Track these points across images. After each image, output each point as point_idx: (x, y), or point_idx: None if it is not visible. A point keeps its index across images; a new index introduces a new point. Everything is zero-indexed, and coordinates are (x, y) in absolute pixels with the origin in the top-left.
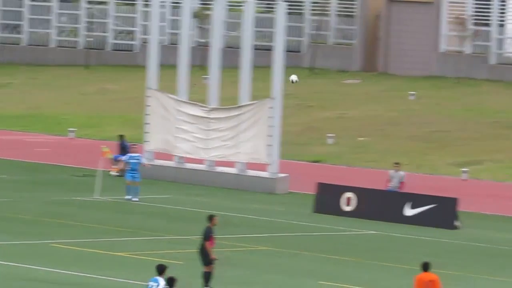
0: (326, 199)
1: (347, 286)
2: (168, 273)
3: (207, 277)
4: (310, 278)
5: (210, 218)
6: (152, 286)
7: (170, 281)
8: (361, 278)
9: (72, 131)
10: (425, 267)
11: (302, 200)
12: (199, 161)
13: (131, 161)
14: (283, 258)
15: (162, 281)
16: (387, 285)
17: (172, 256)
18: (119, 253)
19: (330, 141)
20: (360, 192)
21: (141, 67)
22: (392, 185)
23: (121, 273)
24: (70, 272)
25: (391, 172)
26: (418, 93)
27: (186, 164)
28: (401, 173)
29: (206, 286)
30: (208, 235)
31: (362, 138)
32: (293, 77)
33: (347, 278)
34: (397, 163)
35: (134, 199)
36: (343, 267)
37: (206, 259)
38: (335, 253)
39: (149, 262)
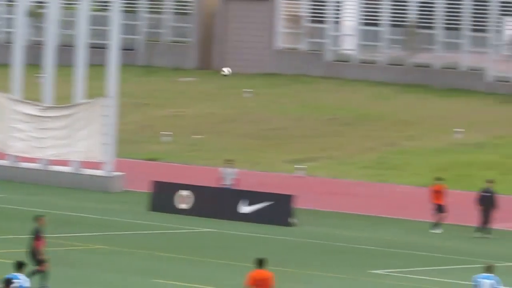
0: (162, 197)
1: (181, 283)
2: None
3: (42, 276)
4: (145, 276)
5: (37, 218)
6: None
7: (19, 265)
8: (196, 275)
9: None
10: (259, 264)
11: (137, 199)
12: (34, 160)
13: None
14: (118, 256)
15: (22, 276)
16: (222, 282)
17: (7, 256)
18: None
19: (165, 139)
20: (195, 190)
21: None
22: (225, 182)
23: None
24: None
25: (223, 169)
26: (254, 91)
27: (21, 163)
28: (233, 170)
29: (43, 286)
30: (36, 235)
31: (197, 136)
32: (225, 70)
33: (182, 275)
34: (228, 160)
35: None
36: (178, 264)
37: (36, 259)
38: (170, 251)
39: None
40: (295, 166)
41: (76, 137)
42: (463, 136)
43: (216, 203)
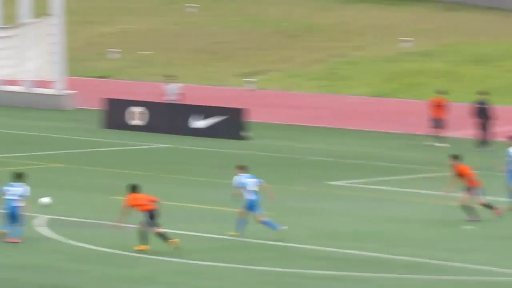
0: (114, 114)
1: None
2: None
3: None
4: (102, 193)
5: None
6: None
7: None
8: (152, 191)
9: None
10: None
11: (90, 116)
12: None
13: None
14: (76, 174)
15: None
16: (178, 197)
17: None
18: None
19: (113, 56)
20: (147, 105)
21: None
22: (170, 98)
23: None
24: None
25: (165, 85)
26: (198, 6)
27: None
28: (176, 85)
29: None
30: None
31: (144, 52)
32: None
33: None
34: (169, 76)
35: None
36: (134, 180)
37: None
38: (125, 167)
39: None
40: (244, 79)
41: (24, 56)
42: (410, 45)
43: (169, 118)
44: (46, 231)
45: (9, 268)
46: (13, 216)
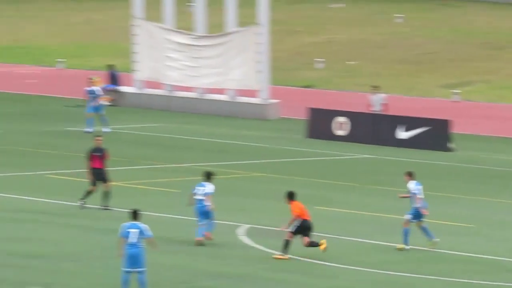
0: (318, 124)
1: (341, 210)
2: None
3: (104, 195)
4: (305, 203)
5: (95, 138)
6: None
7: (134, 214)
8: (355, 202)
9: (61, 62)
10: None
11: (293, 126)
12: (190, 89)
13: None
14: (277, 184)
15: (142, 225)
16: (380, 208)
17: (167, 185)
18: (115, 183)
19: (319, 65)
20: (352, 116)
21: None
22: (375, 108)
23: (118, 202)
24: (66, 203)
25: (371, 96)
26: (404, 16)
27: (177, 92)
28: (381, 95)
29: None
30: (91, 155)
31: (351, 62)
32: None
33: (342, 202)
34: (374, 86)
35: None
36: (337, 191)
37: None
38: (329, 177)
39: (145, 191)
40: (452, 91)
41: (230, 65)
42: None
43: (373, 128)
44: (247, 240)
45: (210, 276)
46: (203, 214)
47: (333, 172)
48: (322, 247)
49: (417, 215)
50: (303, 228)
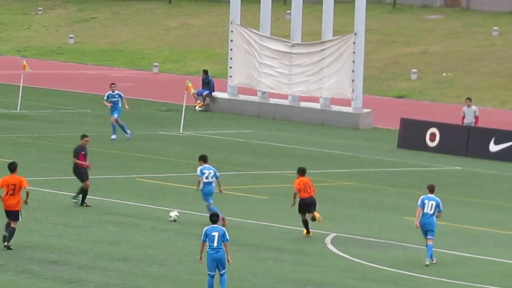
0: (410, 134)
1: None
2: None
3: (85, 193)
4: (395, 213)
5: (82, 137)
6: (215, 235)
7: (214, 217)
8: (444, 213)
9: (156, 66)
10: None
11: (386, 136)
12: (283, 96)
13: (112, 99)
14: (367, 193)
15: (222, 229)
16: (471, 220)
17: (257, 191)
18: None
19: (414, 76)
20: (444, 127)
21: (224, 1)
22: (467, 121)
23: (205, 207)
24: (155, 207)
25: (464, 108)
26: (499, 29)
27: (270, 99)
28: (474, 108)
29: (76, 198)
30: (77, 153)
31: (446, 74)
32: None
33: None
34: (469, 99)
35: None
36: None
37: (81, 176)
38: (419, 188)
39: (233, 196)
40: None
41: (324, 73)
42: None
43: (465, 141)
44: (334, 249)
45: (296, 283)
46: (211, 195)
47: (423, 183)
48: (316, 217)
49: (423, 231)
50: (305, 206)
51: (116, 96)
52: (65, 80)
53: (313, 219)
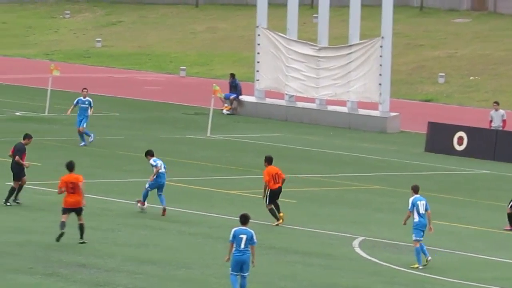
0: (438, 138)
1: (458, 225)
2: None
3: (12, 192)
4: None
5: (28, 136)
6: (242, 237)
7: (243, 218)
8: (472, 217)
9: (183, 70)
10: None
11: (413, 139)
12: (310, 100)
13: (81, 105)
14: (395, 197)
15: (250, 231)
16: (499, 225)
17: (284, 195)
18: (231, 191)
19: (441, 80)
20: (471, 131)
21: (251, 5)
22: (495, 124)
23: (233, 211)
24: (182, 210)
25: (492, 112)
26: None
27: (297, 102)
28: (501, 111)
29: (7, 201)
30: (22, 152)
31: (473, 77)
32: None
33: (459, 217)
34: (496, 102)
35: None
36: (455, 206)
37: (16, 174)
38: (447, 192)
39: (261, 200)
40: None
41: (351, 77)
42: None
43: (493, 144)
44: (362, 252)
45: (323, 287)
46: (163, 186)
47: (450, 186)
48: (279, 222)
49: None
50: (275, 196)
51: (86, 102)
52: (92, 84)
53: (270, 211)
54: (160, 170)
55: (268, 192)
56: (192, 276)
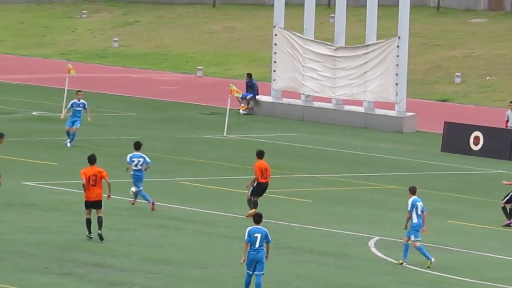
0: (454, 138)
1: (474, 225)
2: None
3: None
4: (438, 216)
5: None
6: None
7: (257, 217)
8: (488, 217)
9: (200, 69)
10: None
11: (429, 139)
12: (326, 100)
13: (76, 108)
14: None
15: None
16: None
17: (300, 195)
18: (247, 191)
19: (457, 80)
20: (488, 131)
21: (268, 5)
22: (511, 124)
23: (246, 211)
24: (198, 210)
25: (508, 111)
26: None
27: (313, 102)
28: None
29: None
30: None
31: (489, 77)
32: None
33: (475, 217)
34: (511, 102)
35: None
36: (471, 206)
37: None
38: (463, 192)
39: (277, 200)
40: None
41: (368, 77)
42: None
43: (509, 144)
44: (377, 252)
45: (338, 287)
46: (141, 180)
47: (466, 186)
48: (249, 213)
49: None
50: (261, 190)
51: (81, 105)
52: (109, 84)
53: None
54: (133, 168)
55: (255, 185)
56: (207, 276)
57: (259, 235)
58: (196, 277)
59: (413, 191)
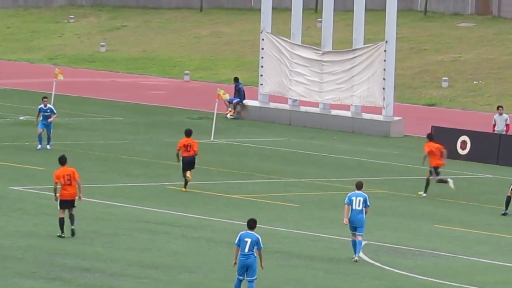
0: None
1: (462, 229)
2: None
3: None
4: (425, 221)
5: None
6: (247, 241)
7: (251, 222)
8: (476, 221)
9: (187, 74)
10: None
11: (417, 144)
12: (314, 104)
13: (43, 114)
14: (398, 201)
15: (256, 236)
16: (502, 229)
17: (288, 199)
18: (234, 196)
19: (444, 84)
20: (475, 135)
21: (255, 10)
22: (498, 129)
23: (236, 215)
24: (186, 214)
25: (495, 116)
26: None
27: (301, 107)
28: (505, 116)
29: None
30: None
31: (477, 82)
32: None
33: (463, 221)
34: (500, 107)
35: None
36: (458, 210)
37: None
38: (450, 196)
39: (264, 204)
40: None
41: (355, 81)
42: None
43: (496, 149)
44: (365, 257)
45: None
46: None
47: (454, 191)
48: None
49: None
50: (185, 164)
51: (48, 111)
52: (97, 88)
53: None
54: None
55: (181, 159)
56: (196, 280)
57: (249, 240)
58: (184, 281)
59: (358, 186)
